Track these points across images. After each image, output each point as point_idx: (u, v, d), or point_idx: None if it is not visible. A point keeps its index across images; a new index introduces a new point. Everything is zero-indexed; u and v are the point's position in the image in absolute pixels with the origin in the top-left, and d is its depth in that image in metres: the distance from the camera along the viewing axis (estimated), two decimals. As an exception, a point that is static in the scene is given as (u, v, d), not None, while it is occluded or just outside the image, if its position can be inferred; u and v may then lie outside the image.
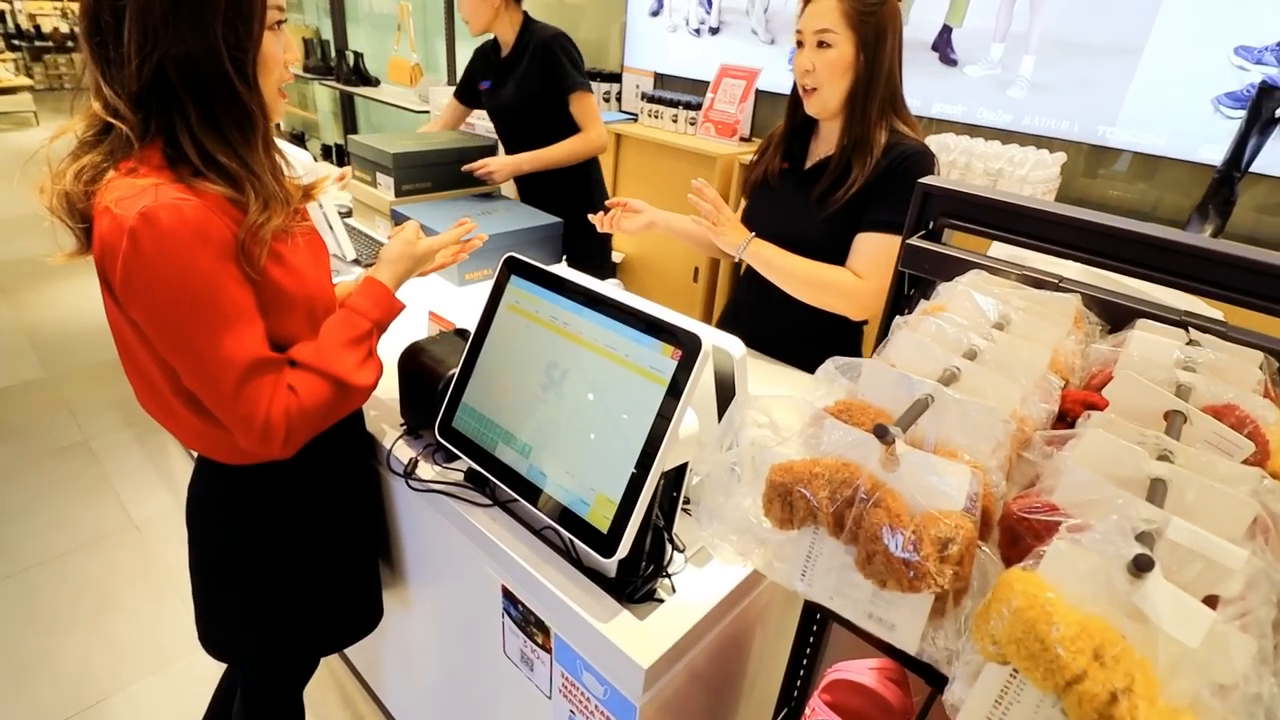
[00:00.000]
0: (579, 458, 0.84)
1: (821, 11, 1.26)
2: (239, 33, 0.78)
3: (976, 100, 2.33)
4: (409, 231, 1.07)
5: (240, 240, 0.80)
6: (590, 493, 0.82)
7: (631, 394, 0.81)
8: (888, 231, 1.28)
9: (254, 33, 0.80)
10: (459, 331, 1.15)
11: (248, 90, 0.81)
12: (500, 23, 2.07)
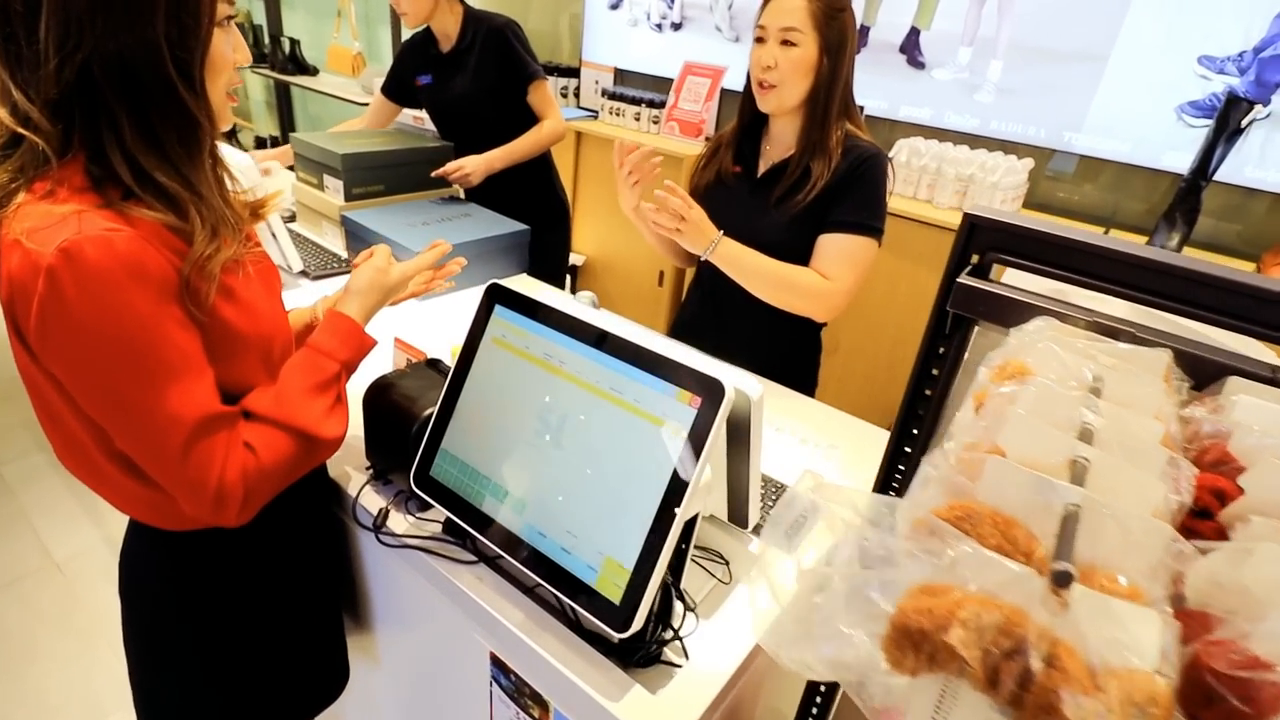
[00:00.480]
0: (583, 517, 0.75)
1: (789, 9, 1.24)
2: (184, 29, 0.66)
3: (944, 104, 2.31)
4: (380, 258, 0.94)
5: (184, 276, 0.68)
6: (597, 557, 0.73)
7: (643, 445, 0.72)
8: (852, 232, 1.28)
9: (202, 29, 0.67)
10: (431, 362, 1.03)
11: (193, 96, 0.68)
12: (441, 13, 1.94)
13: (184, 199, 0.69)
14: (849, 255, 1.30)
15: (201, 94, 0.70)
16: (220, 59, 0.72)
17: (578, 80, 3.18)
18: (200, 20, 0.67)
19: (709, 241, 1.31)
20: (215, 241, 0.70)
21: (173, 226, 0.68)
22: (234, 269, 0.75)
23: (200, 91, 0.69)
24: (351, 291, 0.91)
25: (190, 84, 0.68)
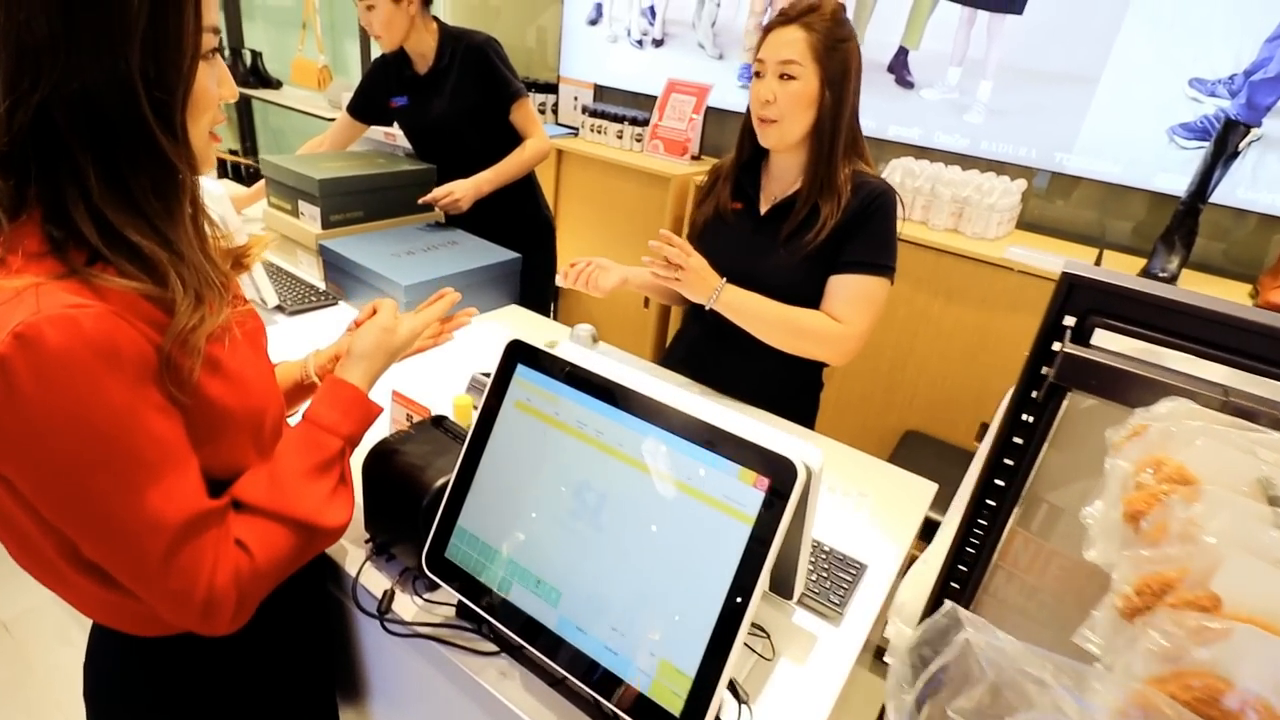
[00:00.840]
0: (630, 612, 0.66)
1: (787, 42, 1.19)
2: (163, 64, 0.56)
3: (933, 123, 2.29)
4: (386, 316, 0.84)
5: (164, 354, 0.57)
6: (650, 660, 0.64)
7: (700, 532, 0.64)
8: (864, 272, 1.24)
9: (183, 65, 0.58)
10: (436, 420, 0.94)
11: (171, 141, 0.58)
12: (417, 35, 1.84)
13: (161, 260, 0.59)
14: (862, 296, 1.25)
15: (182, 138, 0.60)
16: (204, 97, 0.62)
17: (556, 96, 3.09)
18: (182, 54, 0.58)
19: (711, 290, 1.25)
20: (199, 309, 0.60)
21: (149, 295, 0.58)
22: (219, 335, 0.65)
23: (180, 135, 0.60)
24: (355, 355, 0.81)
25: (169, 127, 0.58)
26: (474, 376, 1.26)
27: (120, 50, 0.54)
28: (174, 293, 0.59)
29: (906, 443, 2.08)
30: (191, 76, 0.59)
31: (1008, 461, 0.67)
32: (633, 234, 2.64)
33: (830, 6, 1.19)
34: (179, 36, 0.57)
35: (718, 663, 0.61)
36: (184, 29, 0.57)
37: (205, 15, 0.59)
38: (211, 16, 0.61)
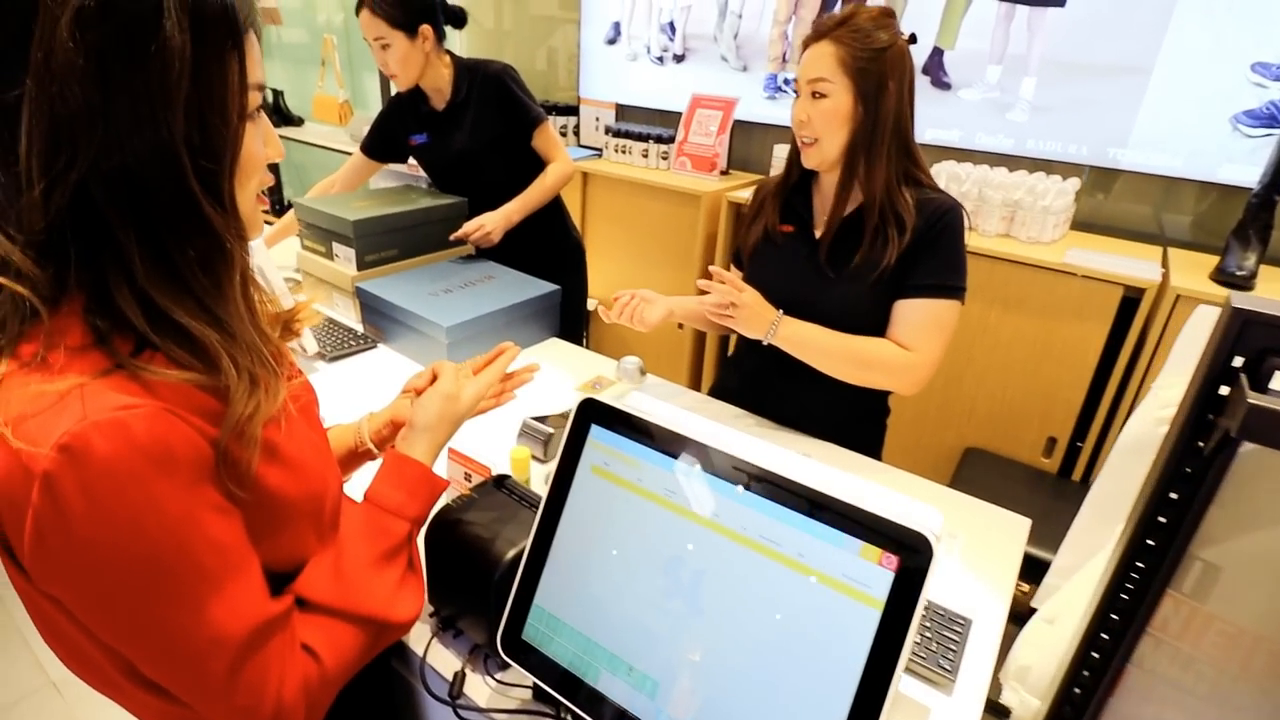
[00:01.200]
0: (741, 706, 0.59)
1: (816, 59, 1.13)
2: (209, 130, 0.51)
3: (974, 124, 2.20)
4: (448, 383, 0.78)
5: (220, 448, 0.52)
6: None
7: (819, 617, 0.57)
8: (934, 296, 1.17)
9: (230, 126, 0.52)
10: (498, 481, 0.88)
11: (220, 213, 0.53)
12: (432, 70, 1.80)
13: (212, 343, 0.53)
14: (933, 322, 1.17)
15: (230, 207, 0.55)
16: (251, 160, 0.57)
17: (577, 118, 3.06)
18: (228, 117, 0.52)
19: (768, 324, 1.19)
20: (255, 394, 0.55)
21: (202, 384, 0.52)
22: (275, 418, 0.59)
23: (229, 205, 0.54)
24: (418, 428, 0.75)
25: (217, 198, 0.53)
26: (525, 422, 1.20)
27: (162, 117, 0.49)
28: (227, 379, 0.53)
29: (969, 461, 1.99)
30: (239, 140, 0.54)
31: (1161, 519, 0.59)
32: (664, 254, 2.58)
33: (863, 16, 1.12)
34: (224, 98, 0.52)
35: (851, 769, 0.53)
36: (229, 90, 0.52)
37: (251, 72, 0.54)
38: (257, 73, 0.56)
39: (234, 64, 0.52)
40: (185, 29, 0.49)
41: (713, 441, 0.65)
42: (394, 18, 1.66)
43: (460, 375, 0.79)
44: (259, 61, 0.56)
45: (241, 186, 0.56)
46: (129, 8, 0.47)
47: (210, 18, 0.51)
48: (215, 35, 0.51)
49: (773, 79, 2.56)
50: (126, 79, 0.47)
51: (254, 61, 0.55)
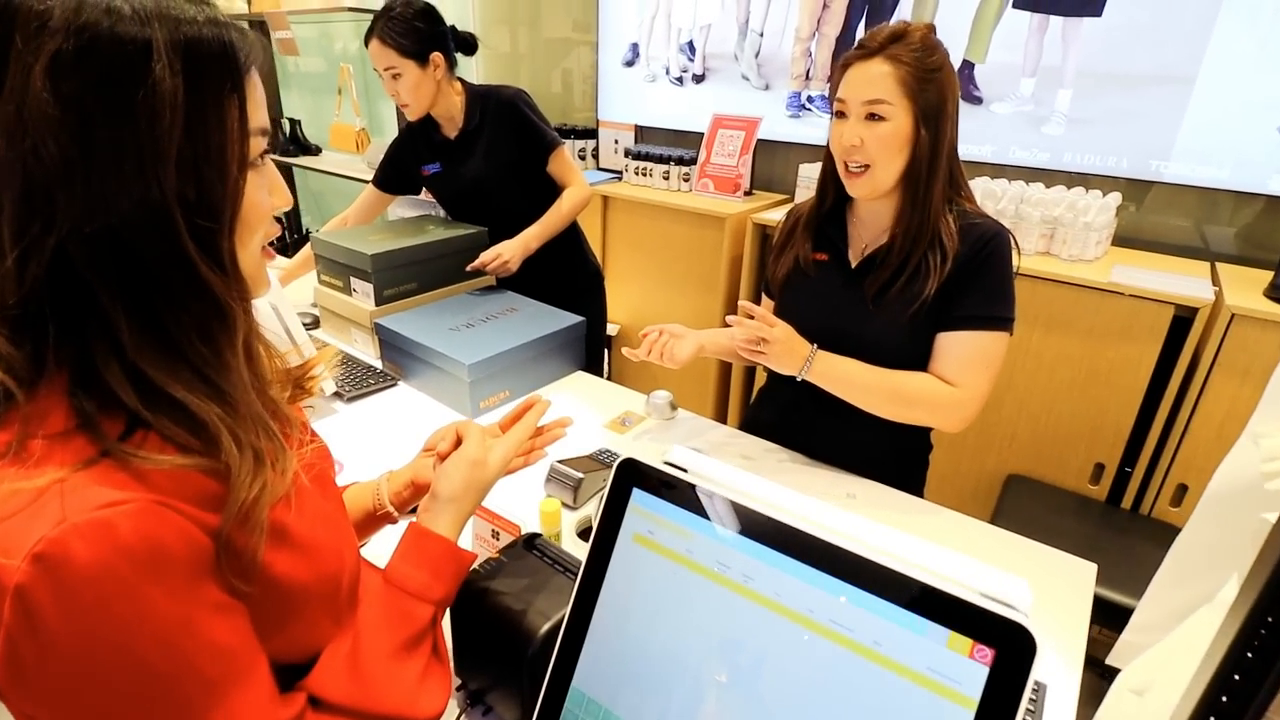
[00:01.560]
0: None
1: (872, 78, 1.05)
2: (204, 184, 0.46)
3: (1007, 139, 2.14)
4: (473, 448, 0.71)
5: (221, 538, 0.47)
6: None
7: (899, 714, 0.50)
8: (981, 328, 1.10)
9: (229, 179, 0.47)
10: (528, 541, 0.82)
11: (220, 275, 0.48)
12: (444, 99, 1.76)
13: (212, 418, 0.48)
14: (980, 355, 1.10)
15: (231, 268, 0.49)
16: (255, 213, 0.52)
17: (595, 141, 3.03)
18: (226, 168, 0.47)
19: (801, 360, 1.12)
20: (260, 474, 0.49)
21: (201, 468, 0.47)
22: (285, 496, 0.54)
23: (230, 265, 0.49)
24: (442, 499, 0.68)
25: (216, 259, 0.48)
26: (553, 467, 1.14)
27: (152, 172, 0.44)
28: (229, 458, 0.48)
29: (1012, 489, 1.89)
30: (239, 194, 0.49)
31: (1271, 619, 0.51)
32: (688, 278, 2.53)
33: (919, 32, 1.06)
34: (222, 148, 0.47)
35: None
36: (228, 138, 0.47)
37: (252, 117, 0.49)
38: (260, 117, 0.51)
39: (233, 109, 0.47)
40: (178, 72, 0.44)
41: (773, 508, 0.59)
42: (404, 47, 1.63)
43: (486, 438, 0.73)
44: (262, 103, 0.51)
45: (243, 243, 0.51)
46: (113, 50, 0.42)
47: (206, 59, 0.46)
48: (212, 78, 0.46)
49: (795, 97, 2.51)
50: (110, 130, 0.42)
51: (256, 104, 0.50)
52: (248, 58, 0.49)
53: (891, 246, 1.13)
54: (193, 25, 0.45)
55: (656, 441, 1.33)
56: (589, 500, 1.14)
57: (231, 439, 0.48)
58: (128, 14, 0.43)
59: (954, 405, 1.12)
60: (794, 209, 1.32)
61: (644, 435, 1.36)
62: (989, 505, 1.94)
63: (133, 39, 0.42)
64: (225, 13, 0.50)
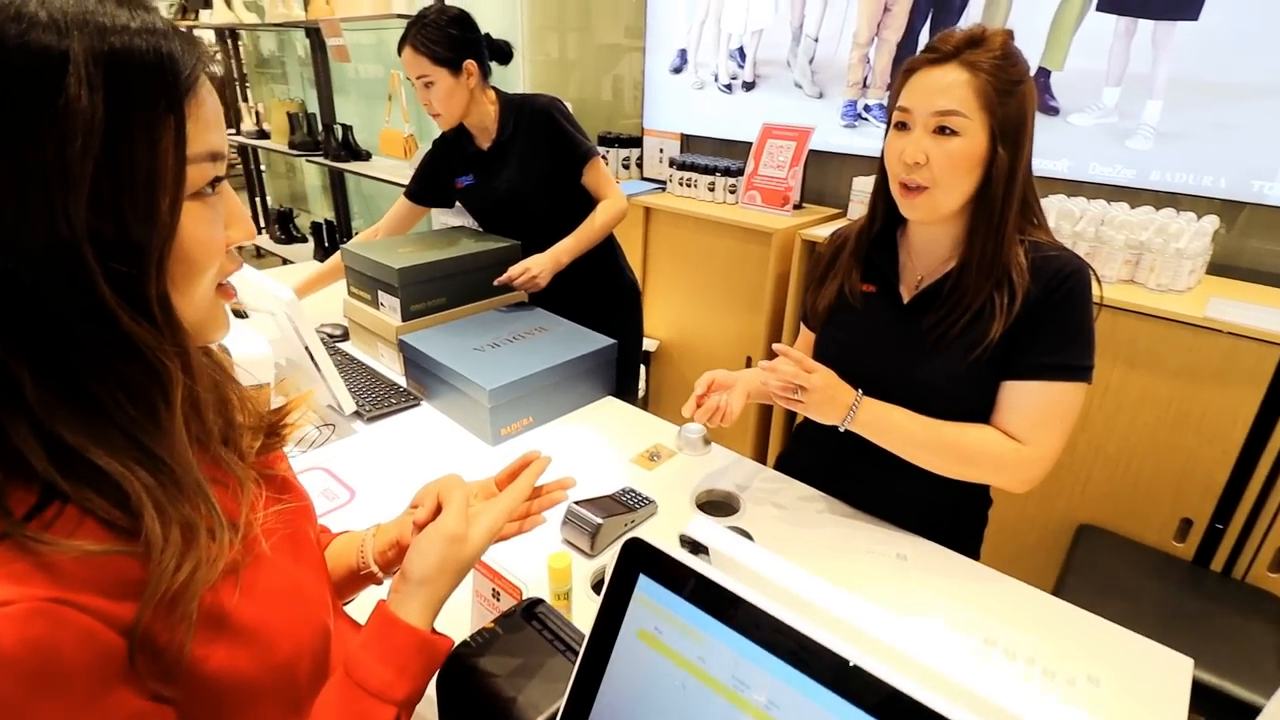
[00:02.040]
0: None
1: (944, 86, 0.91)
2: (123, 220, 0.39)
3: (1086, 153, 1.96)
4: (452, 521, 0.60)
5: (135, 635, 0.39)
6: None
7: None
8: (1055, 378, 0.96)
9: (156, 215, 0.40)
10: (528, 609, 0.72)
11: (149, 329, 0.41)
12: (478, 108, 1.70)
13: (135, 490, 0.40)
14: (1052, 410, 0.96)
15: (164, 319, 0.42)
16: (201, 251, 0.44)
17: (640, 150, 2.94)
18: (154, 203, 0.40)
19: (844, 409, 1.00)
20: (192, 555, 0.41)
21: (117, 552, 0.39)
22: (231, 571, 0.45)
23: (162, 316, 0.41)
24: (413, 580, 0.58)
25: (140, 308, 0.40)
26: (570, 509, 1.05)
27: (60, 206, 0.36)
28: (149, 537, 0.40)
29: (1083, 541, 1.72)
30: (170, 231, 0.41)
31: None
32: (731, 295, 2.41)
33: (999, 38, 0.93)
34: (150, 179, 0.39)
35: None
36: (158, 167, 0.39)
37: (195, 141, 0.42)
38: (209, 140, 0.43)
39: (168, 132, 0.40)
40: (97, 88, 0.37)
41: (804, 613, 0.48)
42: (437, 54, 1.58)
43: (469, 509, 0.63)
44: (213, 124, 0.44)
45: (182, 287, 0.43)
46: (20, 62, 0.35)
47: (135, 73, 0.39)
48: (141, 96, 0.39)
49: (851, 106, 2.37)
50: (12, 155, 0.35)
51: (204, 125, 0.42)
52: (192, 72, 0.42)
53: (951, 281, 1.00)
54: (122, 35, 0.39)
55: (685, 480, 1.22)
56: (609, 547, 1.04)
57: (155, 515, 0.41)
58: (43, 20, 0.36)
59: (1020, 465, 0.98)
60: (838, 232, 1.20)
61: (673, 473, 1.25)
62: (1056, 557, 1.77)
63: (45, 49, 0.36)
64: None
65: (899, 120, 0.97)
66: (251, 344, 1.16)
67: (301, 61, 4.55)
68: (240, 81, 4.88)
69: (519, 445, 1.33)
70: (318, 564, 0.61)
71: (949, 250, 1.03)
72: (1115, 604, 1.51)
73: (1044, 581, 1.75)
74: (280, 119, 4.14)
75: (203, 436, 0.49)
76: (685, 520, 1.12)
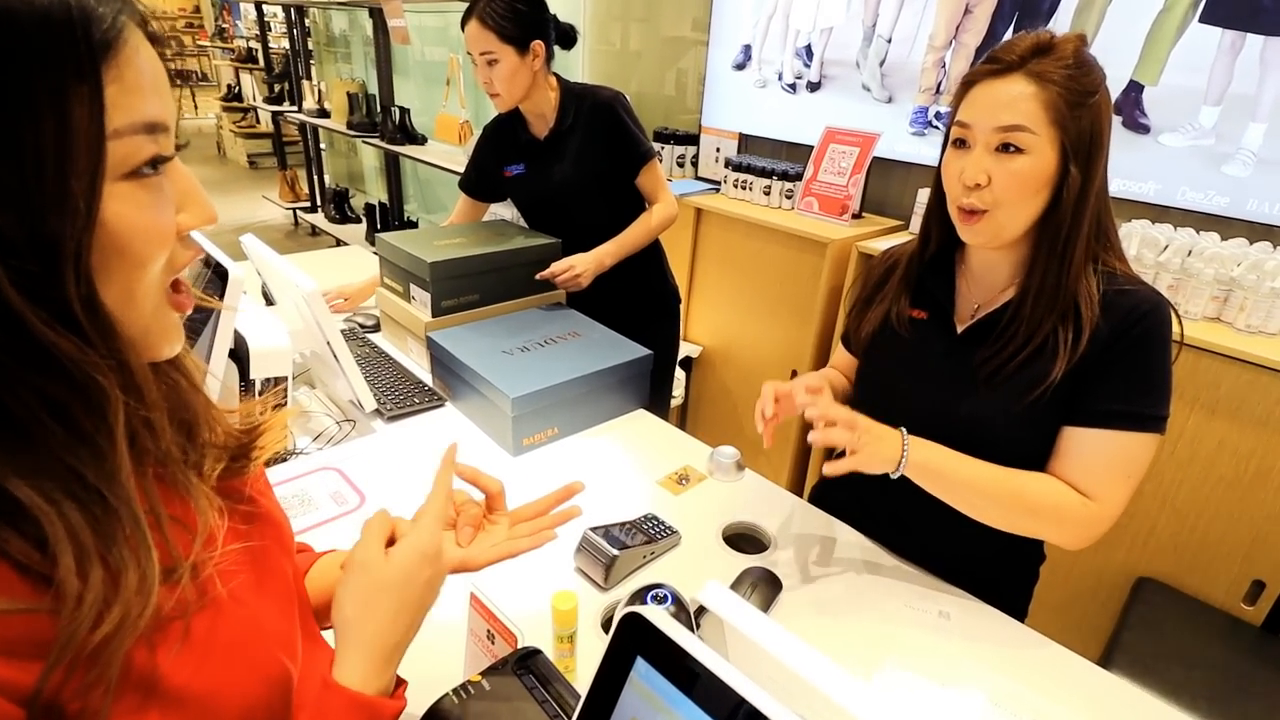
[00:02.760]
0: None
1: (1008, 100, 0.82)
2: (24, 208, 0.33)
3: (1177, 177, 1.80)
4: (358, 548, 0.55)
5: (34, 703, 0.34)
6: None
7: None
8: (1125, 427, 0.86)
9: (68, 200, 0.34)
10: (523, 660, 0.66)
11: (68, 337, 0.35)
12: (537, 93, 1.63)
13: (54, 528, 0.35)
14: (1119, 462, 0.87)
15: (94, 327, 0.36)
16: (138, 243, 0.38)
17: (696, 148, 2.85)
18: (65, 185, 0.34)
19: (896, 454, 0.89)
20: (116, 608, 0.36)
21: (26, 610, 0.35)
22: (176, 615, 0.41)
23: (90, 323, 0.36)
24: (339, 628, 0.52)
25: (61, 315, 0.35)
26: (585, 535, 0.99)
27: None
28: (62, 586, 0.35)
29: (1143, 596, 1.58)
30: (88, 219, 0.35)
31: None
32: (781, 305, 2.32)
33: (1070, 44, 0.83)
34: (61, 158, 0.33)
35: None
36: (69, 143, 0.34)
37: (117, 111, 0.35)
38: (138, 108, 0.37)
39: (80, 102, 0.34)
40: None
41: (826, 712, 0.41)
42: (505, 30, 1.51)
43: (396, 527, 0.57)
44: (148, 89, 0.37)
45: (119, 287, 0.38)
46: None
47: (32, 33, 0.32)
48: (44, 60, 0.33)
49: (922, 112, 2.24)
50: None
51: (132, 91, 0.36)
52: (111, 26, 0.35)
53: (1011, 311, 0.91)
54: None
55: (713, 509, 1.15)
56: (624, 580, 0.98)
57: (74, 561, 0.36)
58: None
59: (1083, 522, 0.89)
60: (890, 253, 1.11)
61: (701, 500, 1.18)
62: (1110, 608, 1.64)
63: None
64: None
65: (957, 137, 0.88)
66: (271, 336, 1.13)
67: (367, 42, 4.58)
68: (305, 58, 4.95)
69: (542, 456, 1.28)
70: (285, 595, 0.55)
71: (1010, 277, 0.94)
72: (1174, 669, 1.39)
73: (1097, 634, 1.63)
74: (340, 99, 4.18)
75: (160, 456, 0.44)
76: (709, 555, 1.06)
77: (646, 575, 1.00)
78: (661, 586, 0.79)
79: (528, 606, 0.91)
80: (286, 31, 5.15)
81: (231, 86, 8.04)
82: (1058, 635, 0.94)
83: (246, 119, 7.99)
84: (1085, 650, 0.94)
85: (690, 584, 0.94)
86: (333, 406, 1.41)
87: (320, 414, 1.38)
